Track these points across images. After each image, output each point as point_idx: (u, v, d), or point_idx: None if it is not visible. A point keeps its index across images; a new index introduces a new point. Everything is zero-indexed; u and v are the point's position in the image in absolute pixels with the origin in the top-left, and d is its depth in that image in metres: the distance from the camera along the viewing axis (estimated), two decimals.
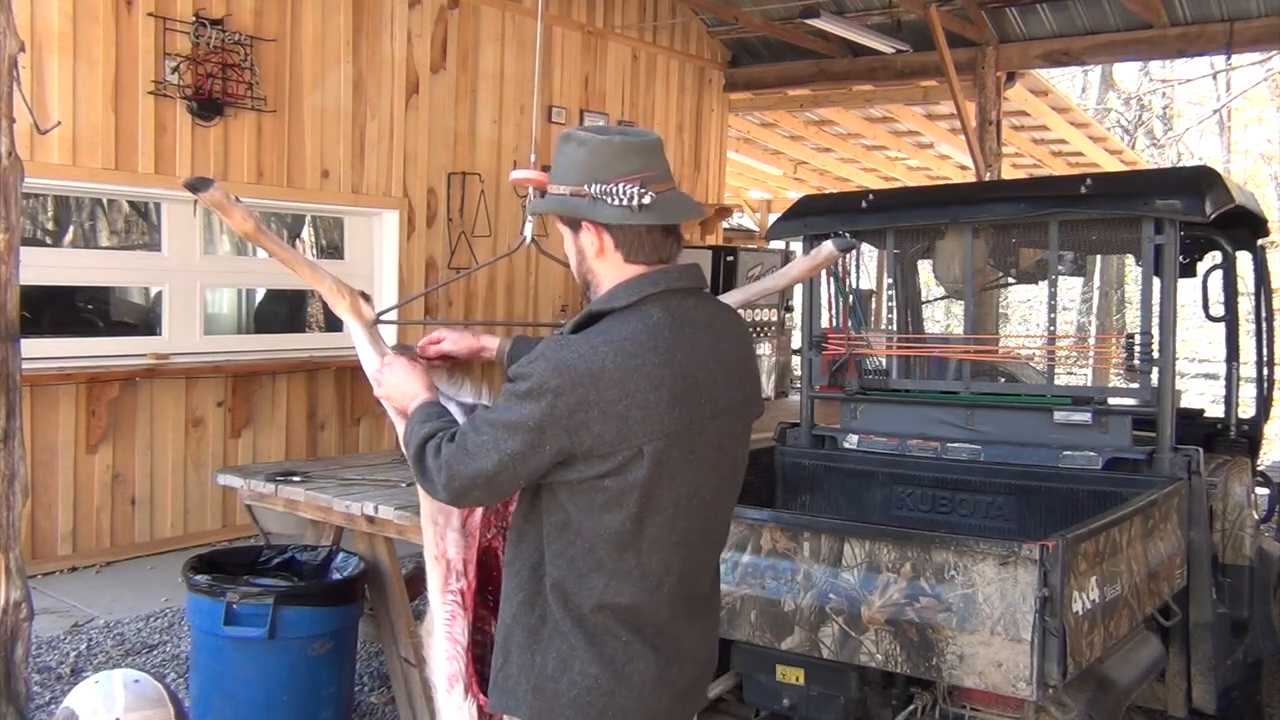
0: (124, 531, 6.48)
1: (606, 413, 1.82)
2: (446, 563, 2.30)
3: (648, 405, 1.84)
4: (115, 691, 2.57)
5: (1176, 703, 3.82)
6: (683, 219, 1.99)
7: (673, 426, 1.87)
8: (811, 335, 4.57)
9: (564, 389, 1.82)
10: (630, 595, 1.91)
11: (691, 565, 1.99)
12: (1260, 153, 23.97)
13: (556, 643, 1.94)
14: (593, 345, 1.85)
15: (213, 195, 2.15)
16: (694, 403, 1.90)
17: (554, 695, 1.94)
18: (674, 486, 1.90)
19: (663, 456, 1.86)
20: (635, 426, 1.84)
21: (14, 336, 3.50)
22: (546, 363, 1.85)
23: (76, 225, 7.77)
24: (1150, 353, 3.90)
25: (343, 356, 7.48)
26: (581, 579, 1.91)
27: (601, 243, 1.96)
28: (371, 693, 4.63)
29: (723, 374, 1.98)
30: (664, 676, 1.96)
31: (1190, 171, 4.47)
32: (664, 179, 1.96)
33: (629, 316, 1.90)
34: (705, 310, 2.00)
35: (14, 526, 3.51)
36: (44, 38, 5.96)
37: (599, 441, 1.83)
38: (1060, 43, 9.46)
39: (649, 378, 1.84)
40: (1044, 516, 4.00)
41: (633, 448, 1.84)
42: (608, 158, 1.93)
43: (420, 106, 8.03)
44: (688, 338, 1.92)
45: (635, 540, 1.89)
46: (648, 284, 1.93)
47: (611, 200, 1.91)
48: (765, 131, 13.63)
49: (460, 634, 2.28)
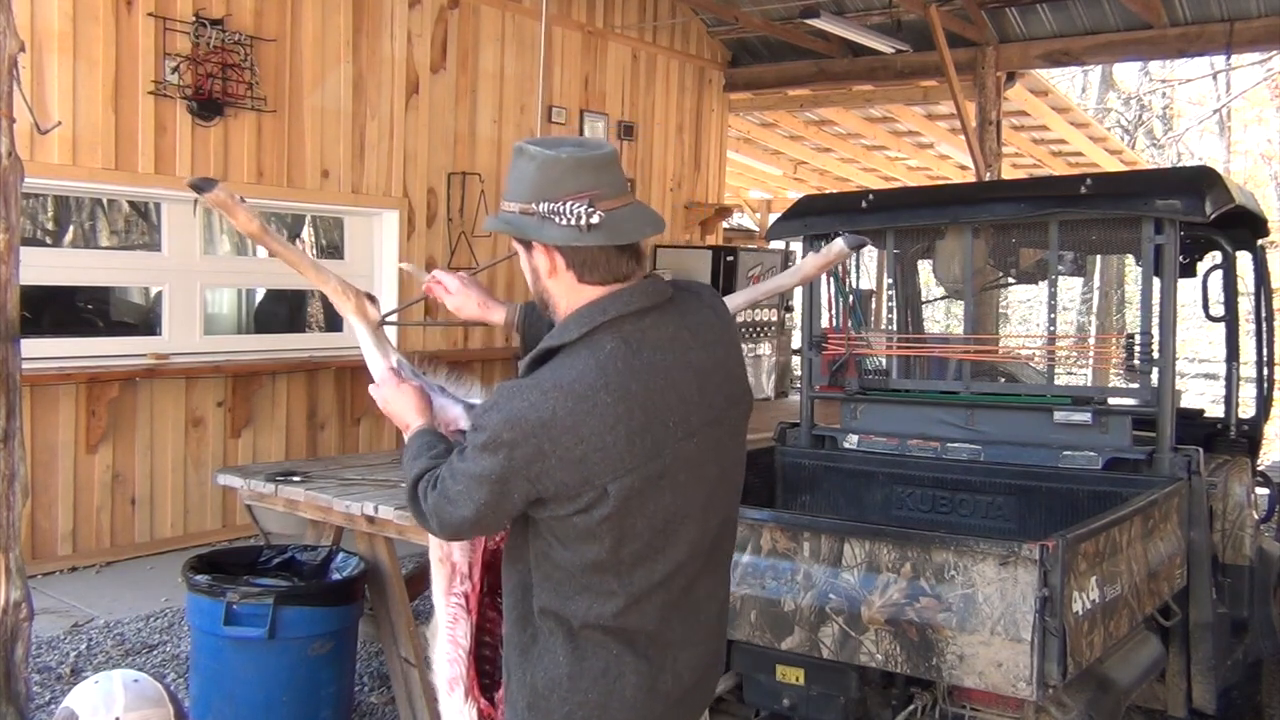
0: (124, 531, 6.48)
1: (564, 459, 1.79)
2: (451, 565, 2.29)
3: (605, 446, 1.80)
4: (115, 691, 2.57)
5: (1176, 703, 3.82)
6: (635, 238, 1.90)
7: (636, 461, 1.82)
8: (811, 335, 4.57)
9: (517, 441, 1.80)
10: (616, 613, 1.90)
11: (684, 575, 1.96)
12: (1260, 153, 23.97)
13: (546, 661, 1.93)
14: (544, 392, 1.81)
15: (216, 195, 2.13)
16: (659, 432, 1.85)
17: (547, 712, 1.94)
18: (647, 514, 1.86)
19: (629, 492, 1.83)
20: (595, 469, 1.80)
21: (14, 336, 3.50)
22: (499, 414, 1.82)
23: (76, 225, 7.77)
24: (1150, 353, 3.90)
25: (343, 356, 7.48)
26: (567, 601, 1.91)
27: (553, 263, 1.89)
28: (371, 693, 4.63)
29: (694, 388, 1.91)
30: (657, 686, 1.95)
31: (1190, 171, 4.47)
32: (616, 195, 1.88)
33: (580, 351, 1.84)
34: (665, 326, 1.90)
35: (14, 526, 3.51)
36: (44, 38, 5.96)
37: (562, 487, 1.81)
38: (1060, 43, 9.46)
39: (603, 418, 1.79)
40: (1044, 516, 3.99)
41: (597, 489, 1.81)
42: (557, 175, 1.85)
43: (420, 106, 8.04)
44: (645, 362, 1.85)
45: (614, 564, 1.88)
46: (597, 313, 1.86)
47: (559, 220, 1.84)
48: (765, 131, 13.63)
49: (462, 637, 2.28)
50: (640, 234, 1.91)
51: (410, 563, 4.63)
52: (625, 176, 1.96)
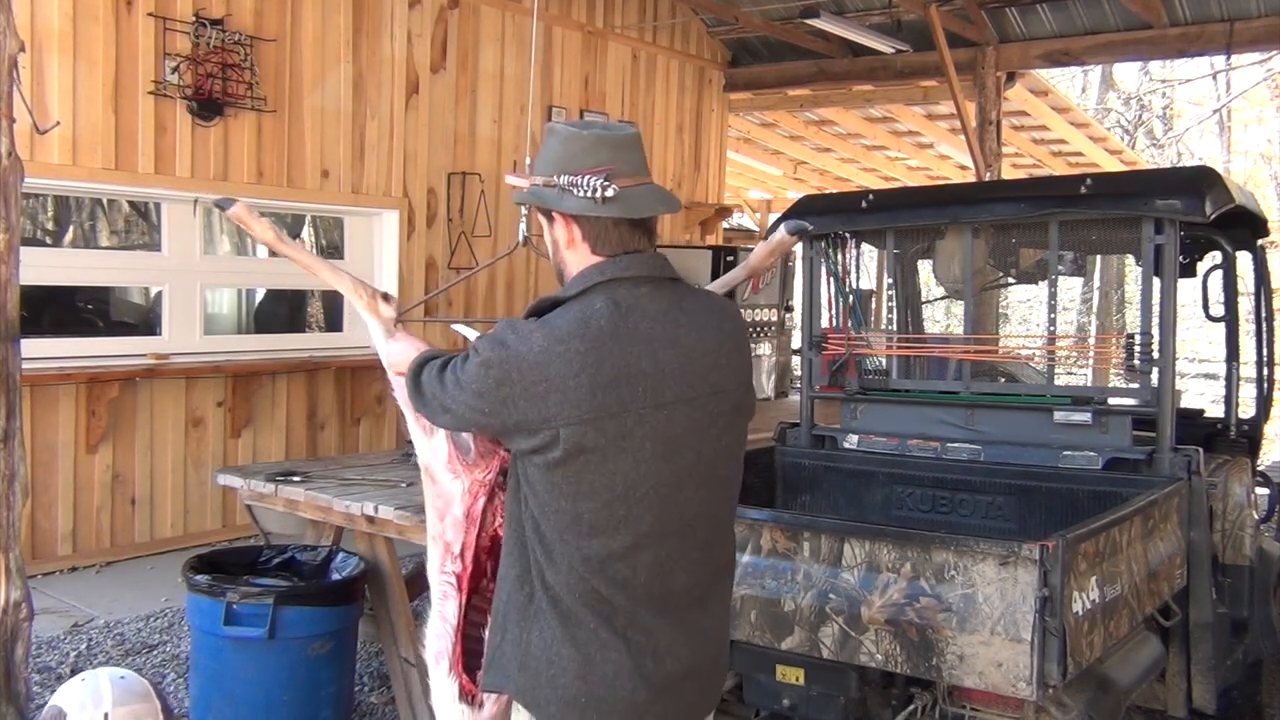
0: (124, 531, 6.48)
1: (529, 392, 1.90)
2: (445, 544, 2.35)
3: (565, 389, 1.88)
4: (102, 688, 2.58)
5: (1176, 703, 3.82)
6: (649, 213, 2.03)
7: (593, 413, 1.89)
8: (811, 335, 4.57)
9: (493, 363, 1.92)
10: (584, 577, 1.94)
11: (650, 556, 1.96)
12: (1260, 153, 23.98)
13: (541, 622, 1.97)
14: (530, 329, 1.93)
15: (236, 211, 2.35)
16: (627, 391, 1.91)
17: (536, 674, 1.97)
18: (605, 474, 1.92)
19: (582, 440, 1.89)
20: (553, 409, 1.89)
21: (14, 336, 3.50)
22: (491, 340, 1.96)
23: (76, 225, 7.77)
24: (1150, 353, 3.90)
25: (343, 356, 7.49)
26: (551, 560, 1.96)
27: (571, 234, 2.02)
28: (371, 693, 4.63)
29: (676, 363, 1.97)
30: (638, 668, 1.96)
31: (1190, 171, 4.47)
32: (634, 173, 2.01)
33: (573, 305, 1.96)
34: (660, 299, 1.99)
35: (14, 526, 3.51)
36: (44, 38, 5.96)
37: (523, 418, 1.91)
38: (1060, 43, 9.46)
39: (569, 364, 1.89)
40: (1044, 516, 3.99)
41: (551, 429, 1.90)
42: (577, 150, 2.00)
43: (420, 106, 8.04)
44: (630, 326, 1.94)
45: (575, 525, 1.93)
46: (595, 273, 1.98)
47: (577, 191, 1.98)
48: (765, 131, 13.63)
49: (450, 614, 2.34)
50: (653, 210, 2.04)
51: (410, 563, 4.63)
52: (644, 158, 2.07)
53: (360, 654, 4.42)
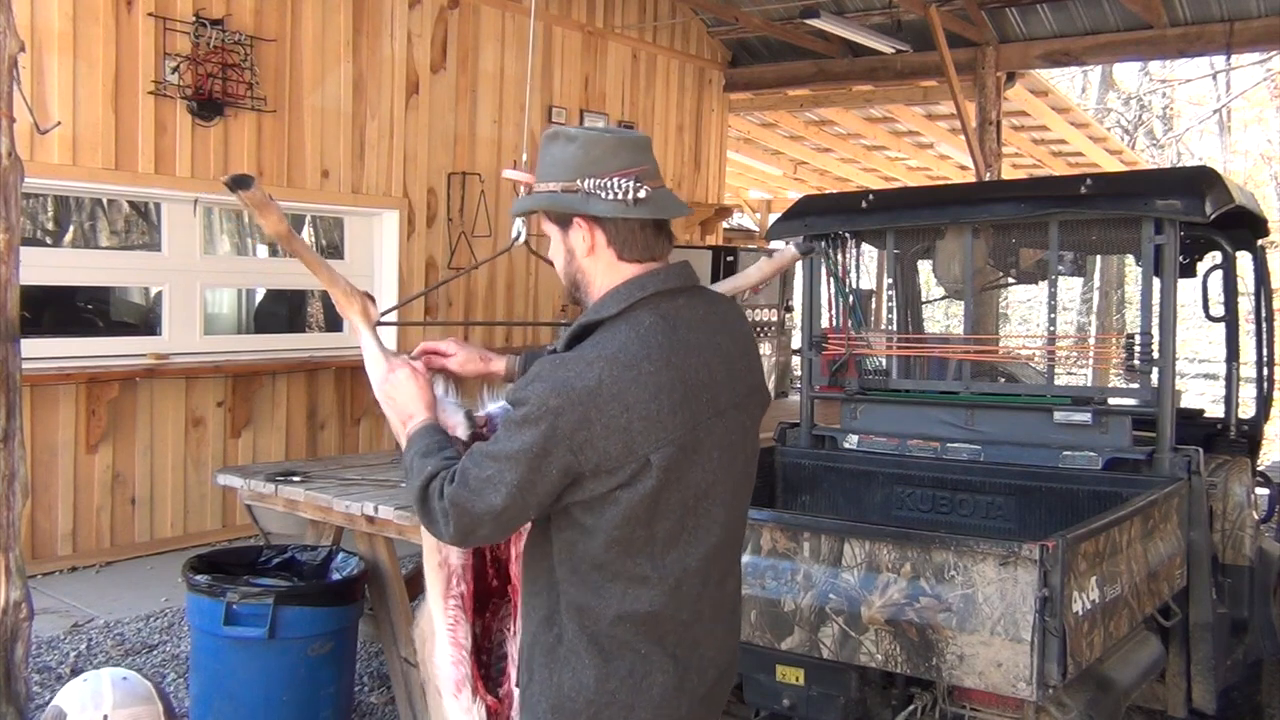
0: (124, 531, 6.48)
1: (609, 427, 1.81)
2: (449, 568, 2.30)
3: (649, 415, 1.82)
4: (103, 689, 2.58)
5: (1176, 703, 3.82)
6: (675, 215, 2.00)
7: (677, 432, 1.86)
8: (811, 335, 4.57)
9: (563, 409, 1.80)
10: (649, 601, 1.89)
11: (712, 565, 1.97)
12: (1260, 153, 23.98)
13: (573, 661, 1.92)
14: (588, 361, 1.83)
15: (254, 194, 2.19)
16: (696, 404, 1.89)
17: (572, 714, 1.93)
18: (682, 489, 1.88)
19: (670, 463, 1.85)
20: (639, 438, 1.82)
21: (14, 336, 3.50)
22: (543, 384, 1.83)
23: (76, 225, 7.76)
24: (1150, 353, 3.90)
25: (343, 356, 7.48)
26: (598, 592, 1.90)
27: (593, 240, 1.94)
28: (371, 693, 4.63)
29: (723, 370, 1.96)
30: (683, 685, 1.95)
31: (1190, 171, 4.47)
32: (655, 176, 1.96)
33: (620, 325, 1.88)
34: (697, 308, 1.97)
35: (14, 526, 3.51)
36: (44, 38, 5.96)
37: (605, 458, 1.82)
38: (1060, 43, 9.46)
39: (646, 387, 1.82)
40: (1044, 516, 3.99)
41: (639, 459, 1.82)
42: (601, 153, 1.92)
43: (420, 106, 8.04)
44: (682, 339, 1.90)
45: (648, 546, 1.88)
46: (635, 289, 1.91)
47: (606, 194, 1.90)
48: (765, 131, 13.63)
49: (464, 639, 2.30)
50: (679, 211, 2.01)
51: (410, 563, 4.63)
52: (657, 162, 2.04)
53: (360, 654, 4.42)
